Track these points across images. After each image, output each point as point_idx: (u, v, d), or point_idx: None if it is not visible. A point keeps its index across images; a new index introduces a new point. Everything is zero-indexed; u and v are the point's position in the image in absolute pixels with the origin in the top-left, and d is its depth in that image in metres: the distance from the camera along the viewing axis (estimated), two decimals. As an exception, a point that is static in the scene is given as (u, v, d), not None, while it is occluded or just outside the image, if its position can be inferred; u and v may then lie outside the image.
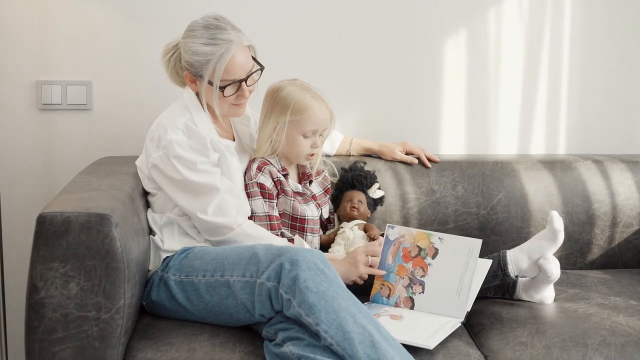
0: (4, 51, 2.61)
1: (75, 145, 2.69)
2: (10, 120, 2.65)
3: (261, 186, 2.26)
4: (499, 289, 2.26)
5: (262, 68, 2.24)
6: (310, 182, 2.39)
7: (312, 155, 2.32)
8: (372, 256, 2.18)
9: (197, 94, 2.22)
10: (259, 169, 2.28)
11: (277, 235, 2.23)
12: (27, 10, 2.60)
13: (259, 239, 2.12)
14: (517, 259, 2.20)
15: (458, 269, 2.13)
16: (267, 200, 2.26)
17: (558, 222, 2.19)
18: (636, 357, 1.98)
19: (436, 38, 2.80)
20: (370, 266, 2.17)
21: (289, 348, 1.84)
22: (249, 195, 2.26)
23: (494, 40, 2.82)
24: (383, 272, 2.17)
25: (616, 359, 1.97)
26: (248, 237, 2.12)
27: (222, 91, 2.16)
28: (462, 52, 2.81)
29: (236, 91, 2.19)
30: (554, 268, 2.18)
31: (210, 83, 2.15)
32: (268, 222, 2.24)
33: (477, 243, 2.15)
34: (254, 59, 2.23)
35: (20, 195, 2.68)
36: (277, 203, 2.29)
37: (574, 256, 2.63)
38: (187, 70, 2.19)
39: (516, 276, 2.22)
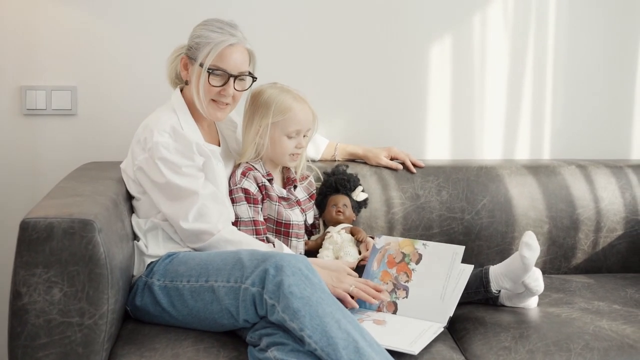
0: (-12, 56, 2.61)
1: (60, 150, 2.68)
2: (-5, 125, 2.65)
3: (246, 191, 2.26)
4: (482, 299, 2.26)
5: (254, 78, 2.25)
6: (295, 187, 2.39)
7: (296, 154, 2.33)
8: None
9: (186, 83, 2.22)
10: (244, 174, 2.28)
11: (262, 240, 2.24)
12: (12, 15, 2.59)
13: (239, 244, 2.11)
14: (498, 278, 2.19)
15: (441, 275, 2.15)
16: (252, 205, 2.26)
17: (526, 250, 2.10)
18: (619, 361, 2.00)
19: (421, 43, 2.81)
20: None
21: (273, 353, 1.83)
22: (233, 201, 2.26)
23: (479, 45, 2.83)
24: (356, 306, 2.09)
25: (599, 364, 1.99)
26: (228, 243, 2.11)
27: (209, 75, 2.16)
28: (447, 58, 2.82)
29: (222, 85, 2.18)
30: (539, 285, 2.17)
31: (201, 65, 2.15)
32: (253, 227, 2.24)
33: (460, 249, 2.17)
34: (250, 73, 2.24)
35: (4, 201, 2.67)
36: (262, 208, 2.29)
37: (558, 261, 2.64)
38: (185, 54, 2.20)
39: (498, 291, 2.22)
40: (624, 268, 2.68)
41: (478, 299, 2.23)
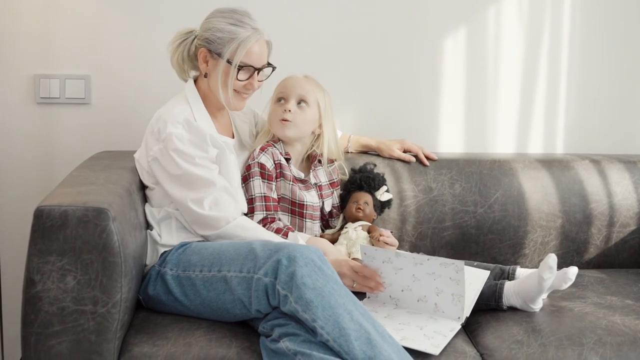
0: (2, 45, 2.61)
1: (73, 139, 2.68)
2: (8, 113, 2.65)
3: (262, 166, 2.27)
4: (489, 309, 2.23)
5: (273, 68, 2.26)
6: (320, 163, 2.41)
7: (284, 120, 2.32)
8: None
9: (205, 76, 2.21)
10: (262, 149, 2.30)
11: (272, 217, 2.25)
12: (27, 4, 2.59)
13: (255, 231, 2.12)
14: (510, 296, 2.16)
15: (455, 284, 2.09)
16: (265, 180, 2.27)
17: (547, 272, 2.08)
18: (632, 356, 1.99)
19: (435, 36, 2.80)
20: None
21: (285, 344, 1.84)
22: (248, 176, 2.27)
23: (493, 39, 2.82)
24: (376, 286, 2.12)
25: (612, 358, 1.98)
26: (244, 230, 2.12)
27: (238, 72, 2.16)
28: (461, 51, 2.82)
29: (248, 78, 2.19)
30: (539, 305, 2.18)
31: (229, 62, 2.15)
32: (264, 203, 2.24)
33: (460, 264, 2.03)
34: (269, 64, 2.25)
35: (18, 189, 2.68)
36: (275, 186, 2.29)
37: (570, 255, 2.63)
38: (204, 47, 2.18)
39: (508, 307, 2.18)
40: (636, 263, 2.67)
41: (486, 309, 2.20)
